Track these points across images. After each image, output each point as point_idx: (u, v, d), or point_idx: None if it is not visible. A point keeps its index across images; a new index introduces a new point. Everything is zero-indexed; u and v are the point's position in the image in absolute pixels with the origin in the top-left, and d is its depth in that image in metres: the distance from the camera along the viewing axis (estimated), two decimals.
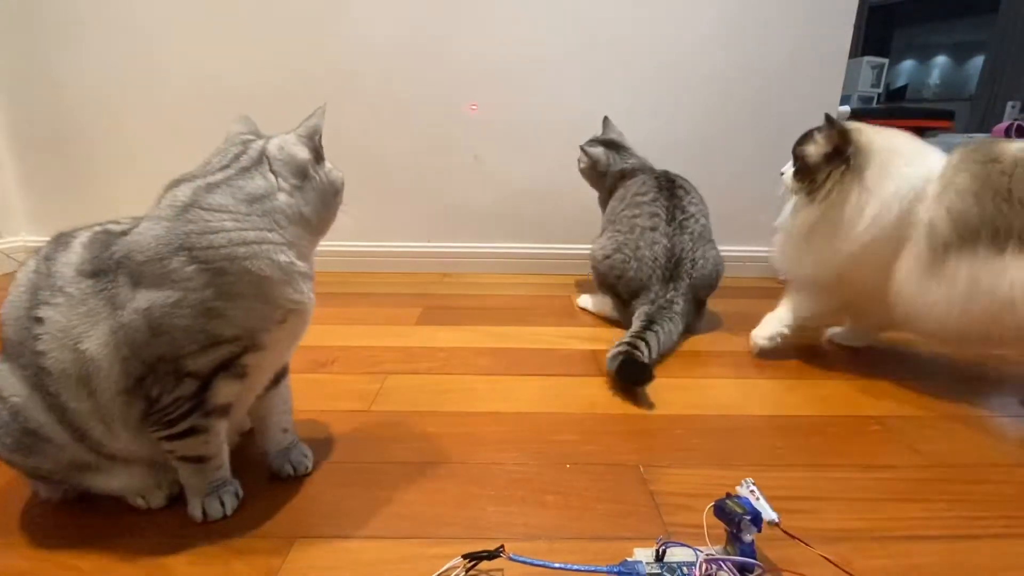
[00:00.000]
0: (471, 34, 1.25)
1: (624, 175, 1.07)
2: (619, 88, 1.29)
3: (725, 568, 0.37)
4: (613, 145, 1.12)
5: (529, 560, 0.38)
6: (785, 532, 0.39)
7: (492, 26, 1.24)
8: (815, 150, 0.77)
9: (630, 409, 0.66)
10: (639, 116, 1.30)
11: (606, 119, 1.17)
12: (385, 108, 1.29)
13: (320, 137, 0.51)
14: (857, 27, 1.32)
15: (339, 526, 0.45)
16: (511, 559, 0.38)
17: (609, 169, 1.10)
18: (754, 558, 0.38)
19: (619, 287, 0.95)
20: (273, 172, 0.45)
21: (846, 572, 0.38)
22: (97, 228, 0.43)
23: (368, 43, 1.24)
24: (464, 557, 0.39)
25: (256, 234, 0.42)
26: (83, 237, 0.42)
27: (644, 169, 1.07)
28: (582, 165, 1.14)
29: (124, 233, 0.41)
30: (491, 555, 0.38)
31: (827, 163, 0.76)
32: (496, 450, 0.57)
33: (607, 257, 0.96)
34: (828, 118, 0.76)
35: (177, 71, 1.26)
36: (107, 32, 1.23)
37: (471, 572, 0.39)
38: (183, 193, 0.42)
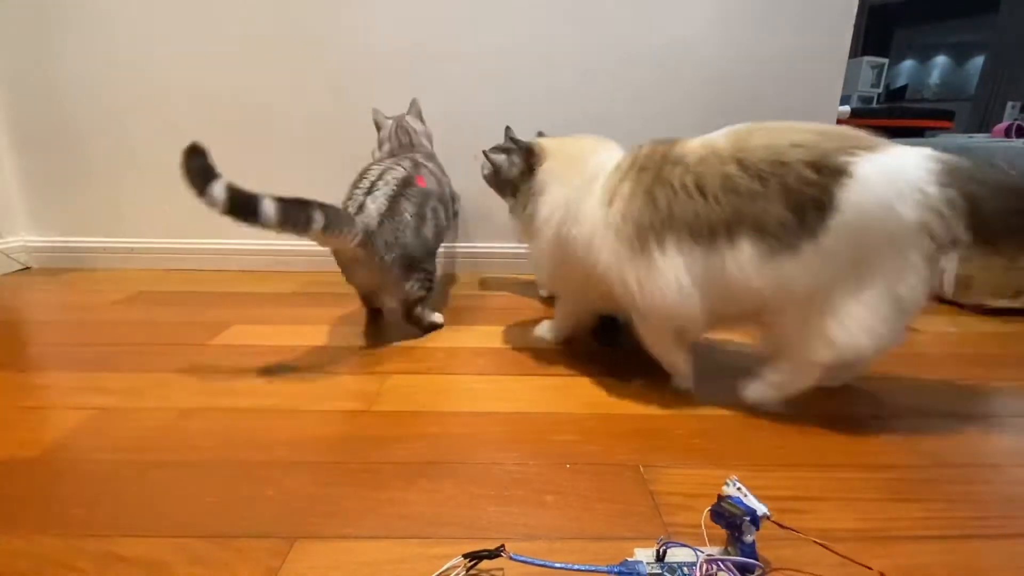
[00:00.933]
0: (469, 34, 1.25)
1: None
2: (618, 88, 1.29)
3: (725, 568, 0.37)
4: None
5: (530, 560, 0.38)
6: (777, 524, 0.39)
7: (489, 26, 1.24)
8: (513, 168, 0.85)
9: (630, 409, 0.66)
10: (638, 116, 1.30)
11: (507, 128, 1.14)
12: (384, 109, 1.28)
13: None
14: (857, 27, 1.32)
15: (339, 526, 0.45)
16: (512, 558, 0.38)
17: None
18: (755, 558, 0.38)
19: None
20: None
21: (842, 555, 0.38)
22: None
23: (367, 44, 1.25)
24: (465, 556, 0.39)
25: None
26: None
27: None
28: (485, 172, 1.12)
29: None
30: (492, 554, 0.38)
31: (522, 179, 0.82)
32: (496, 450, 0.57)
33: None
34: (507, 131, 0.84)
35: (178, 71, 1.26)
36: (108, 32, 1.23)
37: (471, 571, 0.39)
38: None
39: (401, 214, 0.83)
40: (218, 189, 0.61)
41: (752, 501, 0.39)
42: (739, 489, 0.40)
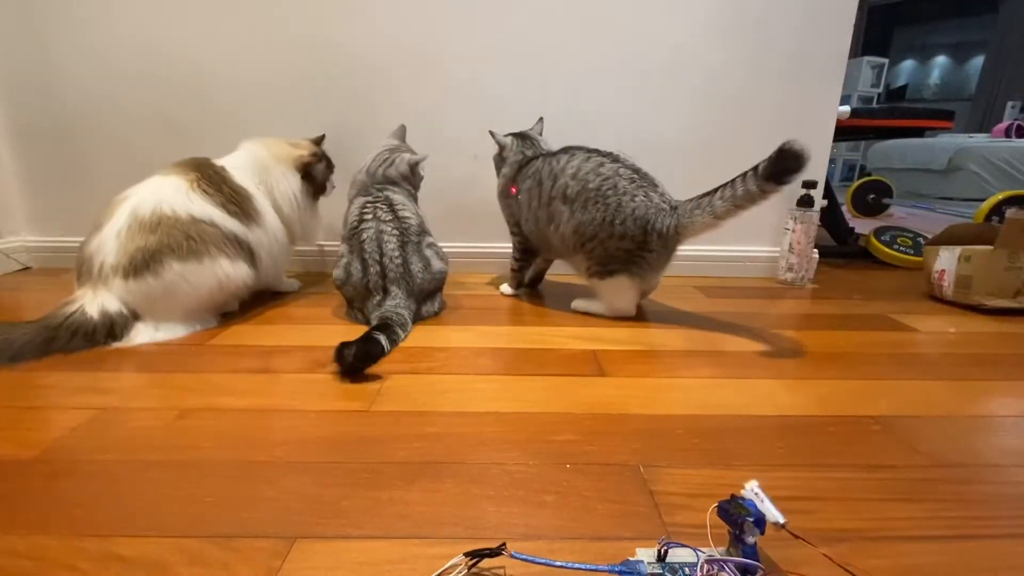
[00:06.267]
0: (470, 34, 1.25)
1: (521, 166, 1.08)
2: (618, 88, 1.29)
3: (727, 569, 0.37)
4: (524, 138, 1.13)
5: (531, 558, 0.38)
6: (791, 533, 0.39)
7: (491, 26, 1.24)
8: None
9: (630, 409, 0.66)
10: (638, 116, 1.30)
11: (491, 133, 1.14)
12: (385, 108, 1.29)
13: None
14: (857, 27, 1.32)
15: (339, 526, 0.45)
16: (513, 556, 0.38)
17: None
18: (756, 560, 0.38)
19: (633, 230, 0.92)
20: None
21: (850, 573, 0.38)
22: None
23: (368, 43, 1.25)
24: (466, 555, 0.39)
25: None
26: None
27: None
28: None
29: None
30: (493, 553, 0.38)
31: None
32: (496, 450, 0.57)
33: (603, 221, 0.93)
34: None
35: (177, 70, 1.26)
36: (107, 31, 1.23)
37: (473, 570, 0.39)
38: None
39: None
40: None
41: (768, 507, 0.39)
42: (757, 494, 0.40)
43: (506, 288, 1.18)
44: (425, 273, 0.96)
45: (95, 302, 0.83)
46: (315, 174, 1.07)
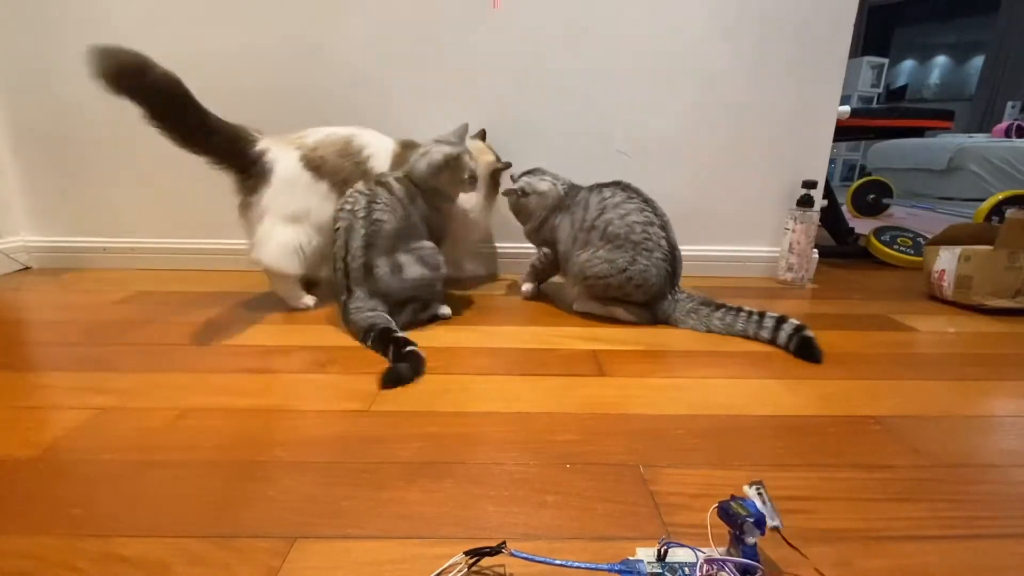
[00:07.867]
0: (470, 34, 1.25)
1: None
2: (618, 88, 1.29)
3: (727, 569, 0.37)
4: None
5: (531, 556, 0.38)
6: (785, 540, 0.39)
7: (490, 26, 1.24)
8: None
9: (630, 409, 0.66)
10: (638, 116, 1.30)
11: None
12: (385, 107, 1.29)
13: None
14: (857, 27, 1.32)
15: (339, 526, 0.45)
16: (513, 555, 0.38)
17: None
18: (756, 561, 0.38)
19: (636, 295, 0.96)
20: None
21: None
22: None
23: (368, 42, 1.25)
24: (466, 554, 0.39)
25: None
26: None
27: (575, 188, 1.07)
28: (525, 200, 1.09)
29: None
30: (493, 551, 0.38)
31: None
32: (496, 450, 0.57)
33: (623, 271, 0.94)
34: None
35: (177, 71, 1.25)
36: (108, 33, 1.23)
37: (473, 569, 0.39)
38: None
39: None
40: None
41: (767, 508, 0.39)
42: (759, 494, 0.40)
43: (527, 288, 1.15)
44: (392, 278, 0.88)
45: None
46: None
